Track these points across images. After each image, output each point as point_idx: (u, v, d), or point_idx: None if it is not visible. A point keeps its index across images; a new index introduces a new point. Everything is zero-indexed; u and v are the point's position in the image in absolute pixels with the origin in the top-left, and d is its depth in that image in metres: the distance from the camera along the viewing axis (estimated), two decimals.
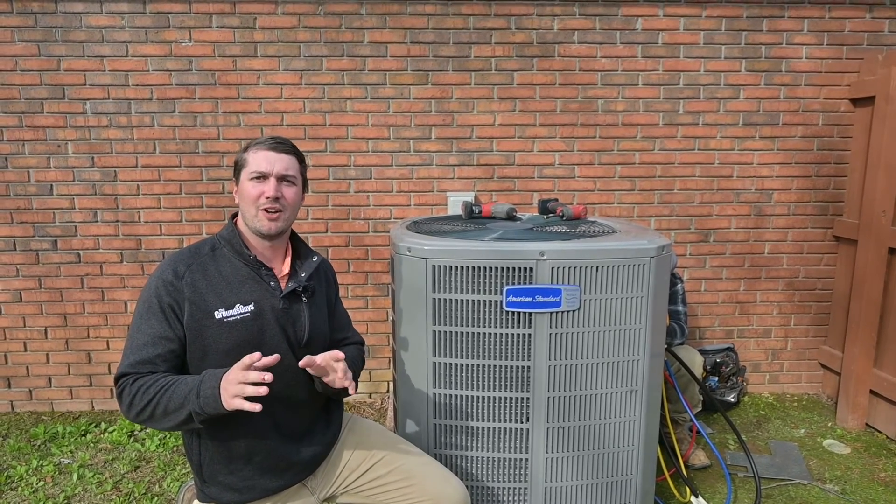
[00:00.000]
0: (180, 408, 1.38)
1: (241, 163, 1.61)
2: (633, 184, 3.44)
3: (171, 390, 1.41)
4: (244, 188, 1.58)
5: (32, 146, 3.24)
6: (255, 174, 1.57)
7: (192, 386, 1.39)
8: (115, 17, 3.14)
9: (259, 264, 1.60)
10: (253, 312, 1.55)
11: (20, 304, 3.39)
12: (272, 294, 1.59)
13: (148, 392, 1.42)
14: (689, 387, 2.79)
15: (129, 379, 1.45)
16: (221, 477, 1.58)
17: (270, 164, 1.57)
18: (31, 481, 2.75)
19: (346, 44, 3.22)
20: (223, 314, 1.52)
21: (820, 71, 3.35)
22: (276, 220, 1.58)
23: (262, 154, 1.58)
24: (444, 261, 1.85)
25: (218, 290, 1.53)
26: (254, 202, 1.56)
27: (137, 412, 1.43)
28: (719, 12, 3.27)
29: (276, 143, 1.61)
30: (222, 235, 1.63)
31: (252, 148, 1.60)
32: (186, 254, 1.57)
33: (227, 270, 1.57)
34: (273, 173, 1.57)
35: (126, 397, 1.44)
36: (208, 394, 1.35)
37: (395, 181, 3.37)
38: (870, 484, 2.71)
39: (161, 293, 1.49)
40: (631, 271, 1.87)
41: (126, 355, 1.48)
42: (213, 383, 1.36)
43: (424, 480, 1.69)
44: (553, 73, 3.30)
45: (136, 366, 1.46)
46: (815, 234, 3.51)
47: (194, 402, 1.36)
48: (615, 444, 1.99)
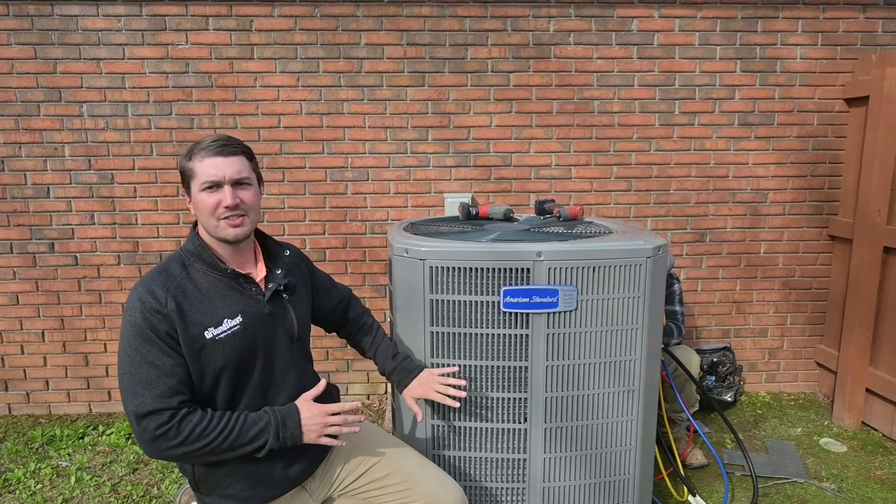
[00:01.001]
0: (249, 443, 1.48)
1: (189, 173, 1.49)
2: (629, 184, 3.45)
3: (237, 428, 1.47)
4: (198, 200, 1.49)
5: (29, 149, 3.24)
6: (207, 184, 1.47)
7: (263, 425, 1.49)
8: (112, 20, 3.14)
9: (236, 275, 1.54)
10: (242, 324, 1.52)
11: (17, 306, 3.38)
12: (256, 301, 1.56)
13: (210, 431, 1.43)
14: (686, 386, 2.80)
15: (171, 417, 1.40)
16: (220, 489, 1.57)
17: (221, 171, 1.47)
18: (29, 484, 2.74)
19: (342, 46, 3.23)
20: (213, 333, 1.47)
21: (814, 71, 3.36)
22: (240, 226, 1.52)
23: (210, 161, 1.47)
24: (441, 262, 1.86)
25: (202, 309, 1.48)
26: (212, 213, 1.49)
27: (192, 451, 1.42)
28: (714, 13, 3.29)
29: (222, 145, 1.49)
30: (189, 251, 1.54)
31: (197, 156, 1.48)
32: (158, 278, 1.48)
33: (205, 286, 1.51)
34: (226, 180, 1.48)
35: (175, 436, 1.40)
36: (289, 434, 1.51)
37: (392, 182, 3.38)
38: (866, 482, 2.73)
39: (153, 322, 1.42)
40: (627, 271, 1.88)
41: (137, 392, 1.41)
42: (293, 422, 1.52)
43: (422, 484, 1.69)
44: (549, 74, 3.31)
45: (164, 399, 1.41)
46: (810, 233, 3.53)
47: (273, 441, 1.49)
48: (613, 443, 1.99)
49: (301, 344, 1.68)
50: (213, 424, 1.44)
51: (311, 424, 1.52)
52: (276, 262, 1.67)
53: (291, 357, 1.64)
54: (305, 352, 1.72)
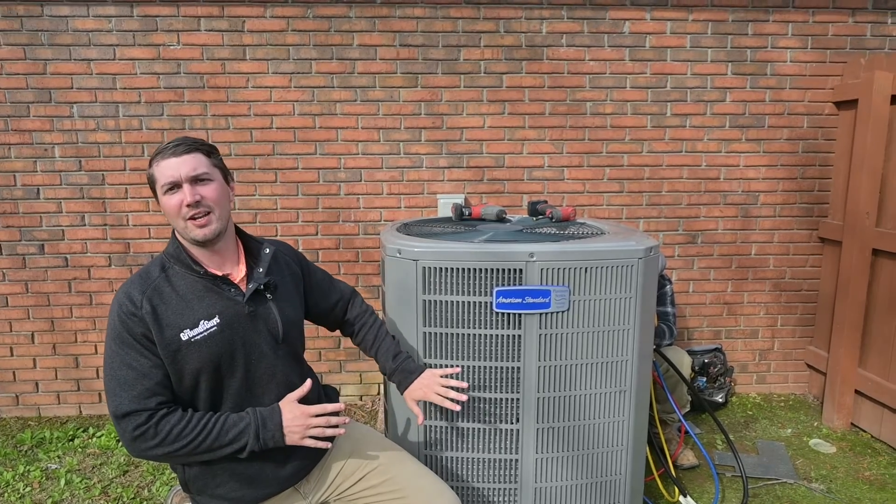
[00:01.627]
0: (228, 444, 1.48)
1: (151, 179, 1.52)
2: (621, 185, 3.46)
3: (216, 429, 1.47)
4: (164, 204, 1.50)
5: (19, 150, 3.22)
6: (166, 186, 1.48)
7: (243, 427, 1.49)
8: (102, 21, 3.13)
9: (214, 276, 1.54)
10: (219, 325, 1.50)
11: (6, 308, 3.36)
12: (234, 302, 1.54)
13: (188, 432, 1.44)
14: (677, 387, 2.81)
15: (147, 418, 1.41)
16: (210, 490, 1.57)
17: (177, 171, 1.48)
18: (18, 487, 2.72)
19: (335, 47, 3.22)
20: (189, 334, 1.47)
21: (804, 74, 3.39)
22: (207, 225, 1.51)
23: (165, 163, 1.48)
24: (434, 262, 1.86)
25: (178, 311, 1.48)
26: (177, 214, 1.49)
27: (170, 452, 1.43)
28: (705, 16, 3.31)
29: (175, 145, 1.50)
30: (169, 253, 1.55)
31: (155, 161, 1.50)
32: (137, 281, 1.50)
33: (182, 288, 1.51)
34: (183, 178, 1.48)
35: (153, 437, 1.41)
36: (269, 436, 1.50)
37: (385, 183, 3.38)
38: (855, 482, 2.75)
39: (129, 325, 1.44)
40: (619, 272, 1.88)
41: (117, 393, 1.43)
42: (274, 423, 1.51)
43: (418, 492, 1.67)
44: (542, 75, 3.32)
45: (141, 401, 1.42)
46: (800, 235, 3.56)
47: (253, 442, 1.48)
48: (604, 444, 2.00)
49: (288, 344, 1.65)
50: (191, 426, 1.45)
51: (293, 426, 1.52)
52: (257, 261, 1.64)
53: (277, 358, 1.61)
54: (294, 352, 1.69)
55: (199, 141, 1.54)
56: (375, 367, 3.55)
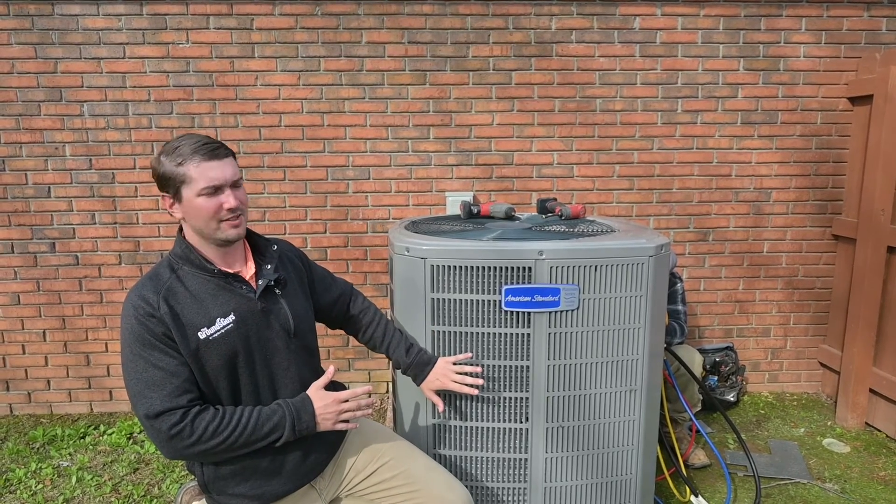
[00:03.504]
0: (264, 437, 1.50)
1: (181, 179, 1.46)
2: (631, 183, 3.44)
3: (251, 424, 1.48)
4: (195, 205, 1.48)
5: (30, 148, 3.24)
6: (208, 189, 1.47)
7: (277, 420, 1.51)
8: (112, 19, 3.14)
9: (226, 275, 1.55)
10: (235, 322, 1.52)
11: (18, 306, 3.38)
12: (247, 299, 1.56)
13: (224, 427, 1.44)
14: (688, 386, 2.78)
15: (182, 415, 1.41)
16: (231, 489, 1.57)
17: (222, 175, 1.48)
18: (30, 484, 2.74)
19: (343, 44, 3.22)
20: (206, 333, 1.48)
21: (818, 70, 3.35)
22: (240, 226, 1.54)
23: (207, 165, 1.46)
24: (442, 260, 1.85)
25: (194, 310, 1.48)
26: (213, 217, 1.49)
27: (207, 449, 1.43)
28: (717, 11, 3.27)
29: (214, 148, 1.49)
30: (177, 254, 1.55)
31: (189, 161, 1.46)
32: (148, 284, 1.48)
33: (195, 288, 1.51)
34: (227, 182, 1.49)
35: (189, 435, 1.40)
36: (304, 426, 1.54)
37: (393, 181, 3.37)
38: (869, 483, 2.71)
39: (150, 326, 1.43)
40: (629, 270, 1.86)
41: (145, 394, 1.41)
42: (307, 413, 1.55)
43: (429, 486, 1.68)
44: (551, 72, 3.30)
45: (173, 399, 1.41)
46: (813, 232, 3.51)
47: (289, 434, 1.51)
48: (615, 443, 1.98)
49: (300, 338, 1.67)
50: (225, 421, 1.45)
51: (326, 413, 1.56)
52: (264, 258, 1.67)
53: (290, 352, 1.63)
54: (306, 346, 1.71)
55: (223, 144, 1.56)
56: (384, 365, 3.55)
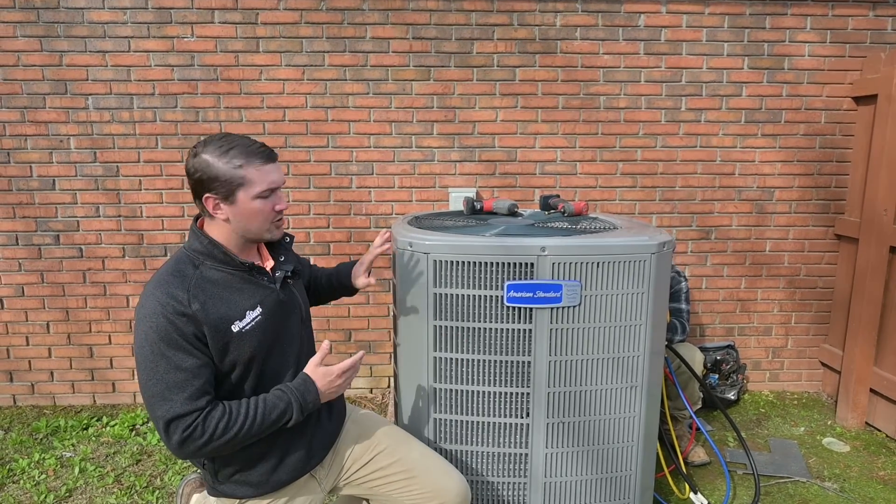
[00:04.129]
0: (273, 424, 1.50)
1: (238, 181, 1.47)
2: (634, 180, 3.44)
3: (259, 415, 1.48)
4: (251, 207, 1.50)
5: (35, 141, 3.25)
6: (267, 191, 1.51)
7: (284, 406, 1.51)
8: (118, 13, 3.14)
9: (251, 267, 1.57)
10: (263, 314, 1.55)
11: (22, 298, 3.40)
12: (270, 290, 1.59)
13: (233, 424, 1.44)
14: (689, 384, 2.79)
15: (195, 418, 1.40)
16: (237, 476, 1.59)
17: (279, 177, 1.54)
18: (33, 474, 2.76)
19: (348, 39, 3.22)
20: (239, 326, 1.49)
21: (822, 69, 3.34)
22: (283, 225, 1.62)
23: (266, 168, 1.50)
24: (445, 256, 1.85)
25: (225, 304, 1.49)
26: (266, 219, 1.54)
27: (219, 445, 1.43)
28: (722, 9, 3.27)
29: (268, 151, 1.52)
30: (197, 250, 1.53)
31: (249, 164, 1.47)
32: (173, 280, 1.46)
33: (221, 282, 1.52)
34: (281, 185, 1.56)
35: (201, 435, 1.40)
36: (311, 406, 1.55)
37: (396, 177, 3.37)
38: (868, 482, 2.72)
39: (178, 325, 1.41)
40: (632, 267, 1.87)
41: (166, 397, 1.39)
42: (311, 395, 1.55)
43: (426, 473, 1.71)
44: (555, 69, 3.30)
45: (193, 401, 1.40)
46: (816, 232, 3.51)
47: (298, 416, 1.52)
48: (615, 440, 1.99)
49: (308, 325, 1.77)
50: (234, 416, 1.45)
51: (328, 390, 1.57)
52: (278, 251, 1.71)
53: (303, 339, 1.70)
54: (312, 332, 1.81)
55: None
56: (385, 360, 3.56)
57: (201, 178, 1.47)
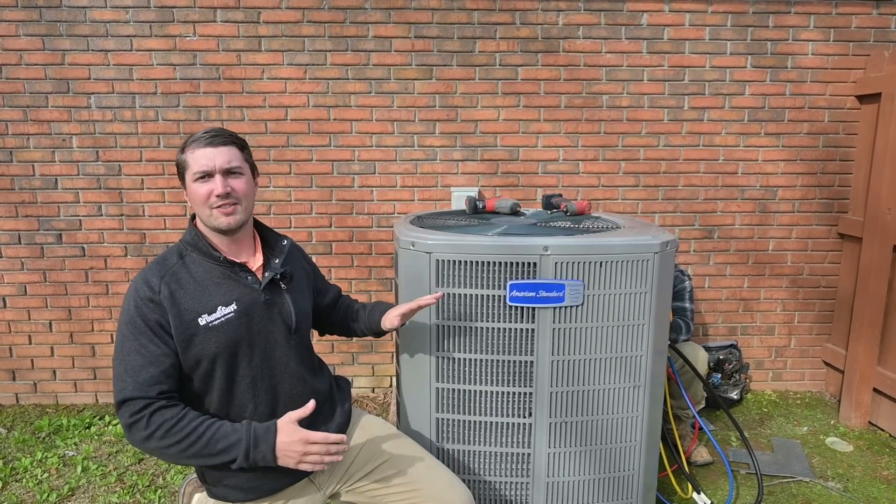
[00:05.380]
0: (216, 455, 1.43)
1: (183, 165, 1.54)
2: (637, 179, 3.43)
3: (207, 436, 1.43)
4: (192, 191, 1.54)
5: (37, 140, 3.25)
6: (198, 174, 1.52)
7: (234, 440, 1.43)
8: (120, 12, 3.14)
9: (231, 263, 1.57)
10: (236, 311, 1.53)
11: (25, 297, 3.40)
12: (251, 289, 1.57)
13: (178, 431, 1.41)
14: (692, 383, 2.78)
15: (144, 406, 1.40)
16: (226, 480, 1.58)
17: (211, 161, 1.51)
18: (36, 473, 2.76)
19: (350, 38, 3.22)
20: (207, 319, 1.49)
21: (826, 67, 3.33)
22: (233, 214, 1.55)
23: (201, 152, 1.51)
24: (447, 255, 1.85)
25: (196, 296, 1.50)
26: (205, 202, 1.53)
27: (159, 448, 1.41)
28: (725, 8, 3.26)
29: (212, 136, 1.53)
30: (186, 241, 1.59)
31: (189, 148, 1.53)
32: (155, 267, 1.52)
33: (200, 275, 1.53)
34: (217, 169, 1.52)
35: (145, 427, 1.40)
36: (260, 456, 1.44)
37: (399, 176, 3.37)
38: (872, 482, 2.71)
39: (143, 311, 1.45)
40: (634, 267, 1.86)
41: (123, 378, 1.43)
42: (267, 445, 1.44)
43: (430, 486, 1.68)
44: (558, 68, 3.29)
45: (143, 388, 1.42)
46: (819, 231, 3.50)
47: (242, 460, 1.43)
48: (618, 439, 1.99)
49: (300, 335, 1.69)
50: (181, 425, 1.42)
51: (289, 451, 1.44)
52: (273, 252, 1.69)
53: (289, 348, 1.64)
54: (305, 343, 1.72)
55: (234, 134, 1.59)
56: (387, 359, 3.56)
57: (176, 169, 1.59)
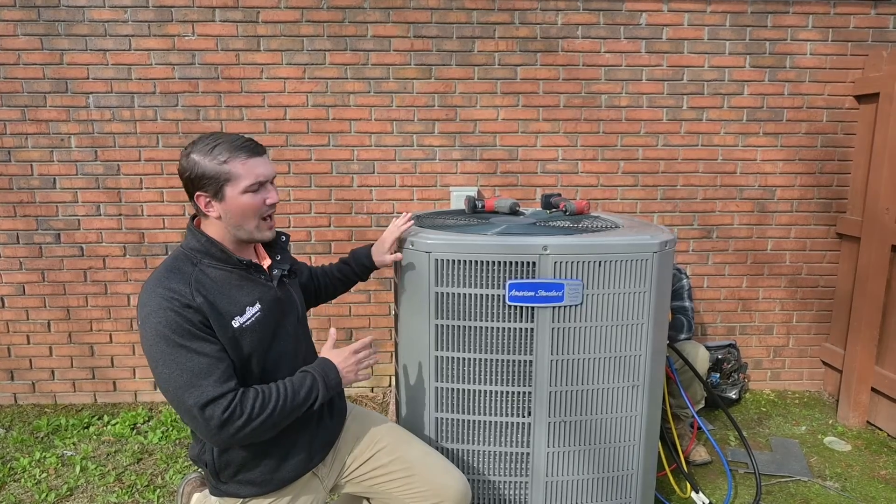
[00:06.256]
0: (304, 402, 1.53)
1: (225, 177, 1.47)
2: (636, 179, 3.43)
3: (290, 392, 1.50)
4: (240, 202, 1.49)
5: (35, 140, 3.25)
6: (255, 185, 1.49)
7: (310, 384, 1.54)
8: (118, 11, 3.14)
9: (249, 265, 1.57)
10: (261, 310, 1.55)
11: (23, 297, 3.40)
12: (267, 287, 1.60)
13: (268, 401, 1.46)
14: (691, 383, 2.79)
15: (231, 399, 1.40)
16: (240, 475, 1.59)
17: (267, 170, 1.52)
18: (34, 473, 2.76)
19: (349, 38, 3.21)
20: (240, 321, 1.49)
21: (824, 67, 3.34)
22: (274, 226, 1.61)
23: (253, 162, 1.49)
24: (446, 255, 1.85)
25: (225, 300, 1.49)
26: (256, 214, 1.52)
27: (259, 424, 1.43)
28: (724, 7, 3.26)
29: (254, 145, 1.51)
30: (195, 248, 1.52)
31: (234, 159, 1.47)
32: (173, 276, 1.45)
33: (219, 279, 1.51)
34: (269, 179, 1.53)
35: (240, 415, 1.40)
36: (334, 383, 1.58)
37: (398, 175, 3.37)
38: (870, 481, 2.71)
39: (187, 316, 1.40)
40: (633, 266, 1.87)
41: (193, 384, 1.38)
42: (332, 371, 1.60)
43: (426, 471, 1.71)
44: (556, 67, 3.29)
45: (223, 383, 1.40)
46: (817, 231, 3.51)
47: (324, 394, 1.56)
48: (617, 438, 1.99)
49: (305, 324, 1.78)
50: (267, 395, 1.47)
51: (348, 367, 1.61)
52: (274, 249, 1.72)
53: (299, 337, 1.71)
54: (308, 330, 1.81)
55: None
56: (386, 358, 3.56)
57: (190, 176, 1.49)
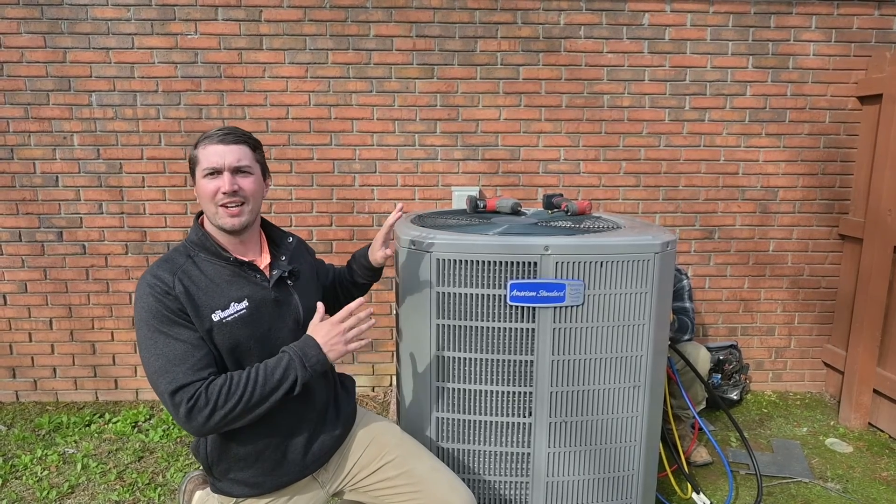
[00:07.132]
0: (279, 386, 1.46)
1: (194, 160, 1.55)
2: (638, 180, 3.43)
3: (261, 376, 1.46)
4: (200, 186, 1.54)
5: (38, 138, 3.25)
6: (208, 171, 1.52)
7: (286, 364, 1.48)
8: (121, 10, 3.14)
9: (240, 262, 1.57)
10: (248, 308, 1.54)
11: (25, 294, 3.40)
12: (261, 287, 1.59)
13: (235, 388, 1.43)
14: (693, 384, 2.78)
15: (198, 387, 1.40)
16: (232, 474, 1.59)
17: (222, 158, 1.52)
18: (36, 470, 2.77)
19: (351, 37, 3.22)
20: (220, 315, 1.50)
21: (827, 68, 3.33)
22: (238, 216, 1.55)
23: (212, 148, 1.52)
24: (448, 255, 1.85)
25: (209, 293, 1.51)
26: (211, 199, 1.53)
27: (226, 413, 1.41)
28: (727, 8, 3.26)
29: (225, 134, 1.55)
30: (192, 241, 1.58)
31: (202, 143, 1.54)
32: (164, 265, 1.51)
33: (210, 273, 1.54)
34: (226, 167, 1.52)
35: (205, 404, 1.40)
36: (314, 360, 1.50)
37: (399, 175, 3.37)
38: (871, 483, 2.71)
39: (166, 303, 1.45)
40: (635, 267, 1.86)
41: (167, 370, 1.41)
42: (313, 349, 1.51)
43: (433, 487, 1.68)
44: (559, 67, 3.29)
45: (196, 371, 1.42)
46: (820, 232, 3.50)
47: (303, 374, 1.48)
48: (617, 439, 1.99)
49: (305, 327, 1.70)
50: (235, 381, 1.44)
51: (332, 341, 1.52)
52: (279, 250, 1.71)
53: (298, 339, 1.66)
54: None
55: (247, 134, 1.60)
56: (387, 358, 3.56)
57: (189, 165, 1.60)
